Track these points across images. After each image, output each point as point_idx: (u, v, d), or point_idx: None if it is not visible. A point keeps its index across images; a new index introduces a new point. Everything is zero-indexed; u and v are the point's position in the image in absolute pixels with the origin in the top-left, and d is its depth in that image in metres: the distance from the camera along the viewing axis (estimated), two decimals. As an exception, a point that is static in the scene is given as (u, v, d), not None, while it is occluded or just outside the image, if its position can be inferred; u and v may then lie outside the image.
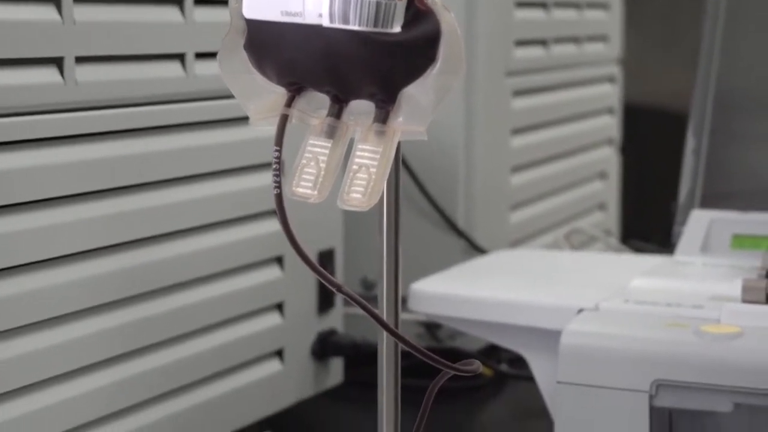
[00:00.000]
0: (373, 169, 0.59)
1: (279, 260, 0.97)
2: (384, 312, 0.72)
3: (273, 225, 0.95)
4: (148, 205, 0.84)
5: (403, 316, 1.10)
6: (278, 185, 0.59)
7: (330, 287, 0.61)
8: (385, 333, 0.71)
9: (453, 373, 0.66)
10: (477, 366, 0.66)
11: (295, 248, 0.60)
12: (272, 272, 0.97)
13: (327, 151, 0.60)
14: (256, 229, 0.94)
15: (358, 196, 0.59)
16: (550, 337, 0.83)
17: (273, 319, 0.97)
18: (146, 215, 0.84)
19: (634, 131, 1.61)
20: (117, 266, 0.81)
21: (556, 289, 0.88)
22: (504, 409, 1.12)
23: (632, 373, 0.78)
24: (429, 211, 1.16)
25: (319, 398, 1.03)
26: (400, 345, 0.70)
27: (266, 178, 0.93)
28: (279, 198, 0.60)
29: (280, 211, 0.60)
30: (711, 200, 0.98)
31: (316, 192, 0.60)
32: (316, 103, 0.61)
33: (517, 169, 1.25)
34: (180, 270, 0.87)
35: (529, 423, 1.05)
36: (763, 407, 0.76)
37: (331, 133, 0.61)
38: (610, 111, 1.49)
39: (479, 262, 1.01)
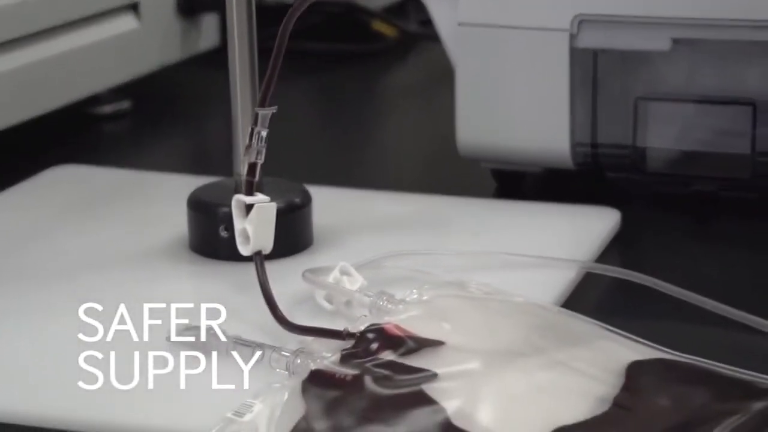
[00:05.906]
0: None
1: None
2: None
3: None
4: None
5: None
6: None
7: None
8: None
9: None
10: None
11: None
12: None
13: None
14: None
15: None
16: (450, -29, 0.70)
17: (121, -38, 0.87)
18: None
19: None
20: None
21: None
22: (411, 73, 1.05)
23: (548, 7, 0.68)
24: None
25: (189, 64, 0.93)
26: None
27: None
28: None
29: None
30: None
31: None
32: None
33: None
34: None
35: (438, 86, 0.94)
36: (705, 41, 0.66)
37: None
38: None
39: None
